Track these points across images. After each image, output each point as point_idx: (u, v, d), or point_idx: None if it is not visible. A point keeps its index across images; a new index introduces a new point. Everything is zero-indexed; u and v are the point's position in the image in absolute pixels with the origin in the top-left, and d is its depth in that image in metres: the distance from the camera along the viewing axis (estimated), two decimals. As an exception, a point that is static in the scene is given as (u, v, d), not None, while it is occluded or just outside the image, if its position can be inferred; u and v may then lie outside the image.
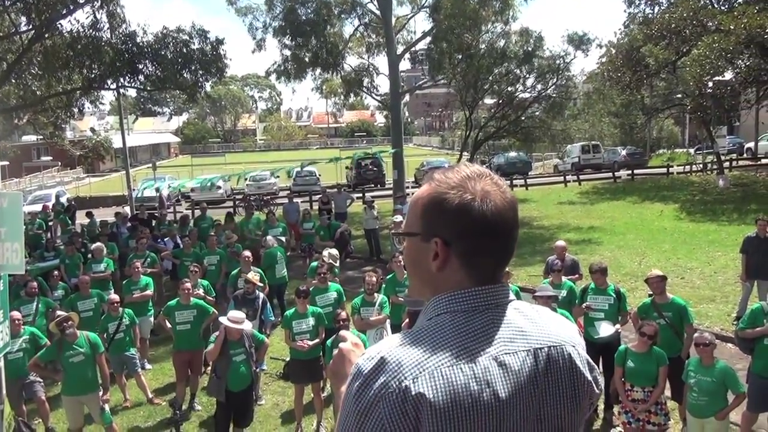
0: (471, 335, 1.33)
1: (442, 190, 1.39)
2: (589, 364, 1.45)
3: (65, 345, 7.29)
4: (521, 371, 1.33)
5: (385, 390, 1.26)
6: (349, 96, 30.96)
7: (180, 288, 8.87)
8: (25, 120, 26.88)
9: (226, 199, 31.25)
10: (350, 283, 13.05)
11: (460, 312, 1.36)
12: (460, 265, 1.39)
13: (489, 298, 1.38)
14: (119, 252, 13.61)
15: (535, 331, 1.39)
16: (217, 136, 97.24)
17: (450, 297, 1.38)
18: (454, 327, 1.34)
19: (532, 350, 1.36)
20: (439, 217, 1.38)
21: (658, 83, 30.38)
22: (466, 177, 1.39)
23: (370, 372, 1.29)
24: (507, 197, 1.40)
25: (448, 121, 67.76)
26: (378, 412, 1.26)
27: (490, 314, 1.37)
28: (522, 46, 26.03)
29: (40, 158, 56.27)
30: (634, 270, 13.94)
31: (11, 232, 5.44)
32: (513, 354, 1.33)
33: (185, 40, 21.19)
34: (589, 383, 1.43)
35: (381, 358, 1.30)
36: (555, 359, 1.38)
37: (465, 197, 1.36)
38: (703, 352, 5.99)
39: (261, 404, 8.75)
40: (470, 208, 1.35)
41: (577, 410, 1.42)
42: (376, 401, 1.27)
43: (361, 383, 1.29)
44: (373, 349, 1.34)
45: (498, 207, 1.37)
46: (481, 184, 1.38)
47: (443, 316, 1.37)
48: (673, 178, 30.27)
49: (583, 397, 1.42)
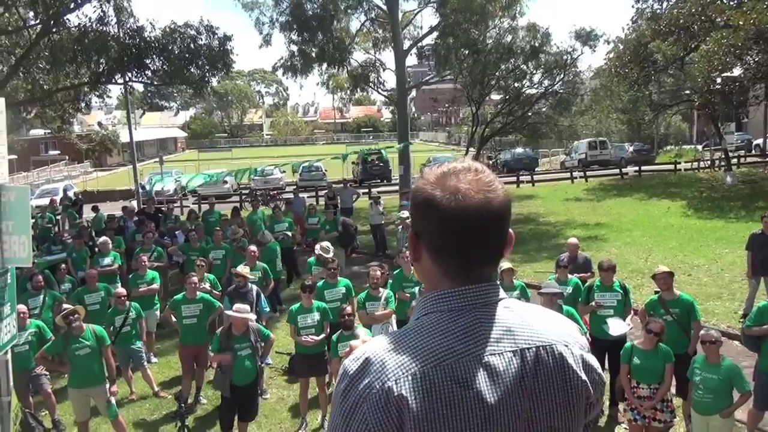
0: (456, 336, 1.32)
1: (419, 185, 1.41)
2: (586, 364, 1.41)
3: (71, 338, 7.32)
4: (507, 372, 1.31)
5: (368, 391, 1.28)
6: (356, 91, 30.91)
7: (186, 282, 8.91)
8: (33, 114, 27.00)
9: (232, 193, 31.36)
10: (355, 279, 13.04)
11: (446, 311, 1.36)
12: (429, 258, 1.40)
13: (476, 297, 1.37)
14: (126, 246, 13.67)
15: (524, 331, 1.36)
16: (224, 131, 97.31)
17: (436, 296, 1.39)
18: (439, 327, 1.33)
19: (519, 350, 1.33)
20: (414, 212, 1.42)
21: (665, 79, 30.21)
22: (445, 173, 1.39)
23: (355, 373, 1.31)
24: (485, 195, 1.34)
25: (455, 117, 67.58)
26: (362, 412, 1.28)
27: (476, 314, 1.35)
28: (529, 42, 25.90)
29: (47, 152, 56.43)
30: (640, 267, 13.90)
31: (19, 225, 5.45)
32: (499, 355, 1.32)
33: (193, 35, 21.22)
34: (583, 383, 1.38)
35: (366, 359, 1.32)
36: (544, 360, 1.35)
37: (432, 193, 1.36)
38: (709, 349, 5.97)
39: (266, 398, 8.78)
40: (434, 204, 1.35)
41: (572, 411, 1.38)
42: (361, 402, 1.29)
43: (347, 384, 1.32)
44: (360, 349, 1.36)
45: (465, 204, 1.33)
46: (455, 181, 1.36)
47: (429, 316, 1.37)
48: (680, 175, 30.14)
49: (577, 398, 1.38)
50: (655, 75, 28.01)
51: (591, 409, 1.45)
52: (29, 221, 5.73)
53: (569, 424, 1.38)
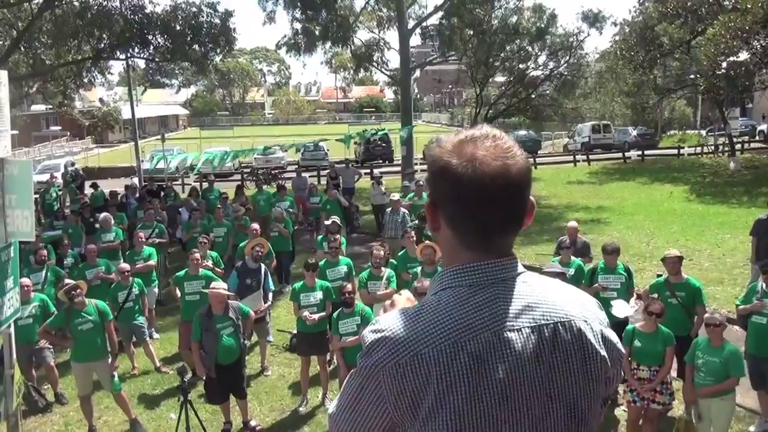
0: (474, 311, 1.31)
1: (436, 153, 1.38)
2: (606, 339, 1.39)
3: (74, 312, 7.34)
4: (525, 348, 1.30)
5: (383, 363, 1.29)
6: (359, 70, 30.81)
7: (189, 258, 8.91)
8: (35, 89, 26.88)
9: (234, 172, 31.27)
10: (356, 259, 13.06)
11: (465, 287, 1.34)
12: (448, 229, 1.38)
13: (495, 272, 1.35)
14: (128, 222, 13.67)
15: (543, 306, 1.34)
16: (226, 110, 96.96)
17: (454, 271, 1.37)
18: (457, 302, 1.32)
19: (537, 326, 1.32)
20: (431, 180, 1.40)
21: (671, 63, 30.02)
22: (462, 140, 1.36)
23: (373, 343, 1.32)
24: (503, 162, 1.31)
25: (458, 98, 67.30)
26: (377, 382, 1.30)
27: (495, 289, 1.34)
28: (535, 23, 25.73)
29: (48, 128, 56.31)
30: (642, 251, 13.90)
31: (21, 199, 5.44)
32: (517, 330, 1.30)
33: (194, 12, 21.06)
34: (603, 359, 1.37)
35: (384, 330, 1.32)
36: (563, 335, 1.33)
37: (449, 161, 1.33)
38: (713, 332, 5.99)
39: (267, 375, 8.83)
40: (451, 172, 1.32)
41: (591, 387, 1.36)
42: (376, 372, 1.30)
43: (364, 353, 1.33)
44: (381, 320, 1.36)
45: (483, 172, 1.30)
46: (473, 148, 1.32)
47: (447, 291, 1.36)
48: (683, 160, 30.07)
49: (596, 374, 1.37)
50: (661, 58, 27.84)
51: (610, 383, 1.44)
52: (32, 195, 5.72)
53: (588, 400, 1.37)
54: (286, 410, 7.91)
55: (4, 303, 5.18)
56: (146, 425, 7.63)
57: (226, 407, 7.33)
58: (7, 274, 5.22)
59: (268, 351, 9.47)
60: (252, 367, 8.85)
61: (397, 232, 12.21)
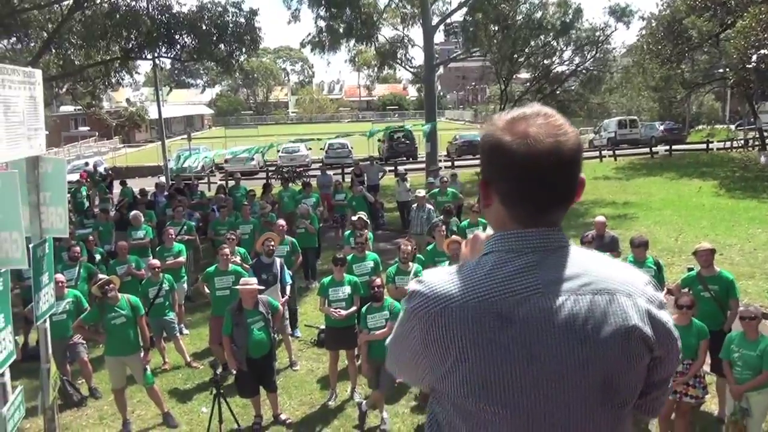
0: (509, 275, 1.33)
1: (489, 130, 1.40)
2: (652, 317, 1.35)
3: (107, 307, 7.47)
4: (557, 315, 1.30)
5: (417, 311, 1.37)
6: (383, 68, 30.73)
7: (219, 254, 9.01)
8: (65, 90, 27.30)
9: (258, 170, 31.49)
10: (382, 255, 13.07)
11: (505, 252, 1.38)
12: (500, 204, 1.40)
13: (537, 240, 1.37)
14: (157, 220, 13.86)
15: (583, 277, 1.34)
16: (250, 109, 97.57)
17: (499, 237, 1.41)
18: (495, 265, 1.36)
19: (572, 295, 1.32)
20: (482, 158, 1.43)
21: (699, 57, 29.54)
22: (515, 118, 1.38)
23: (413, 291, 1.40)
24: (555, 139, 1.32)
25: (481, 95, 66.93)
26: (411, 325, 1.39)
27: (535, 257, 1.36)
28: (560, 18, 25.46)
29: (77, 128, 57.20)
30: (670, 246, 13.73)
31: (55, 196, 5.54)
32: (549, 296, 1.31)
33: (220, 11, 21.23)
34: (645, 336, 1.34)
35: (424, 282, 1.40)
36: (600, 306, 1.32)
37: (502, 138, 1.35)
38: (748, 325, 5.90)
39: (296, 369, 8.89)
40: (504, 149, 1.35)
41: (630, 364, 1.34)
42: (412, 316, 1.39)
43: (407, 297, 1.42)
44: (425, 273, 1.44)
45: (536, 149, 1.31)
46: (525, 125, 1.35)
47: (489, 255, 1.40)
48: (712, 155, 29.60)
49: (638, 351, 1.34)
50: (689, 52, 27.42)
51: (659, 365, 1.42)
52: (65, 193, 5.82)
53: (627, 377, 1.35)
54: (315, 404, 7.96)
55: (39, 298, 5.29)
56: (178, 419, 7.72)
57: (256, 401, 7.40)
58: (42, 270, 5.33)
59: (296, 346, 9.54)
60: (280, 362, 8.92)
61: (422, 228, 12.23)
